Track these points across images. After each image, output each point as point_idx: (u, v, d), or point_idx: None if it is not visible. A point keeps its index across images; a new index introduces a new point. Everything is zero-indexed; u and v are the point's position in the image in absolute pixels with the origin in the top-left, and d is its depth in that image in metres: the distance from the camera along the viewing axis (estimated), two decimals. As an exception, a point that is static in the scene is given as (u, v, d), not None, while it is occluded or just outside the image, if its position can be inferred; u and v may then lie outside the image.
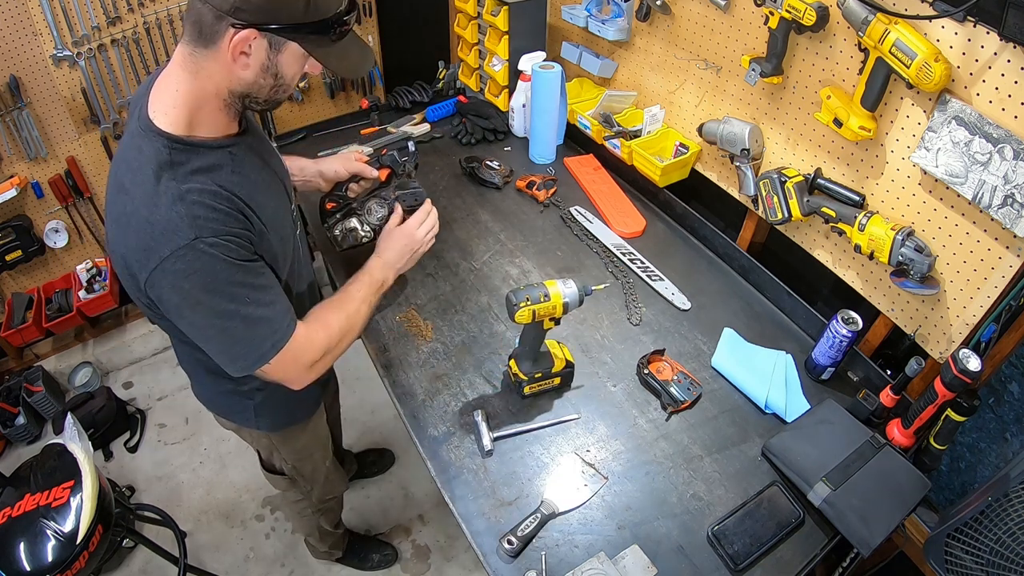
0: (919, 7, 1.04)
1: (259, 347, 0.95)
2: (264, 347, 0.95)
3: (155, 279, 0.85)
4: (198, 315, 0.90)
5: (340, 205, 1.45)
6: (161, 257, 0.83)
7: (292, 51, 0.87)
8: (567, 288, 1.12)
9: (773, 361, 1.33)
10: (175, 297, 0.87)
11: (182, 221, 0.83)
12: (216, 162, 0.91)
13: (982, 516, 0.95)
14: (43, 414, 2.39)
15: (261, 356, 0.96)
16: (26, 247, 2.25)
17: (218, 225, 0.86)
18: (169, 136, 0.87)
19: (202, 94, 0.88)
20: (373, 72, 2.53)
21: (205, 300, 0.88)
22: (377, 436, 2.39)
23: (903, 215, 1.22)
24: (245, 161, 0.96)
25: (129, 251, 0.87)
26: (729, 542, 1.02)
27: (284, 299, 0.99)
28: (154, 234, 0.83)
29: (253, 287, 0.92)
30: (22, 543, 1.30)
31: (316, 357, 1.04)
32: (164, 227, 0.83)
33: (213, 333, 0.93)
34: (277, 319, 0.96)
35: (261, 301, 0.93)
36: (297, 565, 2.01)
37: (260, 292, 0.94)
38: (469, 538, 1.04)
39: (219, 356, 0.96)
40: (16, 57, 1.95)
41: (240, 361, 0.96)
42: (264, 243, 0.96)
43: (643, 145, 1.68)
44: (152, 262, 0.84)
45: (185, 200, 0.84)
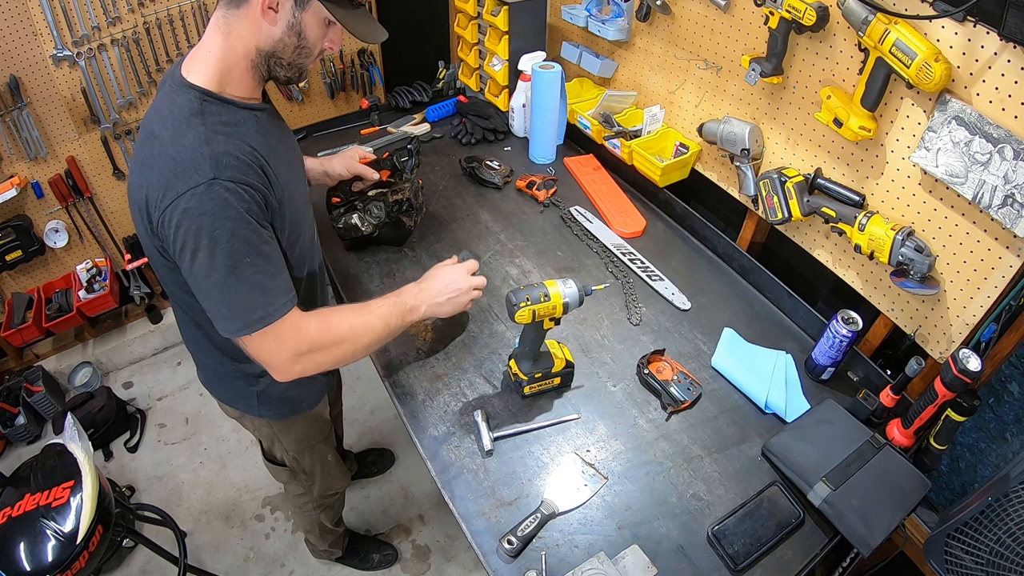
0: (919, 7, 1.04)
1: (248, 314, 0.94)
2: (252, 316, 0.94)
3: (169, 215, 0.87)
4: (198, 260, 0.89)
5: (344, 200, 1.52)
6: (178, 192, 0.86)
7: (315, 11, 0.94)
8: (567, 288, 1.12)
9: (773, 361, 1.33)
10: (183, 236, 0.88)
11: (205, 160, 0.87)
12: (244, 119, 0.96)
13: (982, 516, 0.95)
14: (43, 414, 2.39)
15: (247, 324, 0.94)
16: (26, 247, 2.25)
17: (238, 172, 0.89)
18: (202, 90, 0.93)
19: (233, 55, 0.94)
20: (373, 72, 2.53)
21: (209, 246, 0.88)
22: (377, 436, 2.39)
23: (903, 215, 1.22)
24: (270, 127, 1.02)
25: (151, 189, 0.89)
26: (729, 542, 1.02)
27: (286, 277, 0.99)
28: (176, 170, 0.86)
29: (257, 251, 0.93)
30: (22, 543, 1.30)
31: (302, 349, 1.01)
32: (188, 164, 0.86)
33: (209, 284, 0.92)
34: (273, 292, 0.96)
35: (261, 268, 0.93)
36: (297, 565, 2.01)
37: (263, 259, 0.94)
38: (469, 538, 1.04)
39: (210, 310, 0.95)
40: (16, 57, 1.95)
41: (227, 322, 0.95)
42: (278, 212, 0.99)
43: (643, 145, 1.68)
44: (169, 196, 0.86)
45: (211, 143, 0.88)
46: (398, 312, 1.13)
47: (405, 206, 1.53)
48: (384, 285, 1.51)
